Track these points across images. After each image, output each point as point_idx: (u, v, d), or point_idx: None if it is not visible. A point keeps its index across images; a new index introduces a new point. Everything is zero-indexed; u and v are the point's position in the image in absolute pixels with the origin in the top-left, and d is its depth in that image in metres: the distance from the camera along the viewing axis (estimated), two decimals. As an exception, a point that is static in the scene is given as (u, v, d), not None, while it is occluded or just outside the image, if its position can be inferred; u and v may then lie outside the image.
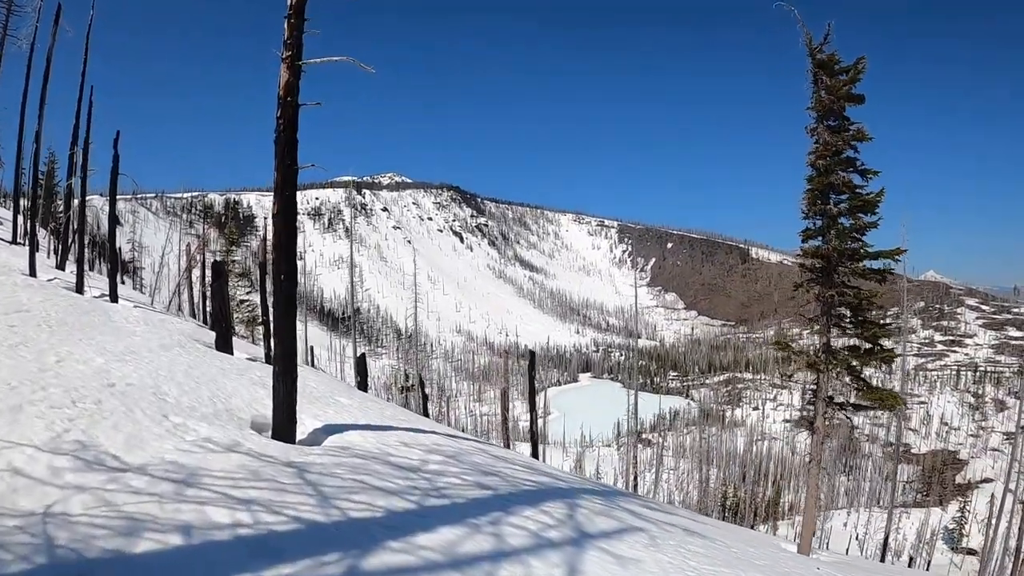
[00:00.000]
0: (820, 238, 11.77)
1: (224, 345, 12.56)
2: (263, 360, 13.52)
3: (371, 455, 6.17)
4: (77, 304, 12.11)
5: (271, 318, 6.67)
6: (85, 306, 12.10)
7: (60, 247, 22.35)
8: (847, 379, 11.70)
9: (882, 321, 11.92)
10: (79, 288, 15.67)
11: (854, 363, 11.15)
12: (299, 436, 6.81)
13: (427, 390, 35.21)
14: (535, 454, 16.56)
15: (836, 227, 11.36)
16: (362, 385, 17.12)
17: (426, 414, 17.56)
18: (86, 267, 29.72)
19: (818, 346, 11.73)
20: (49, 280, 16.77)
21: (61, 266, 20.96)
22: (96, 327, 9.67)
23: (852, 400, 11.90)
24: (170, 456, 4.45)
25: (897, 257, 11.48)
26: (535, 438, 16.02)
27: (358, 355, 17.73)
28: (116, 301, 15.28)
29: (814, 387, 11.90)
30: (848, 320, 11.64)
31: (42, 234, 31.69)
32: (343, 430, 7.21)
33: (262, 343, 15.62)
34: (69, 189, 20.40)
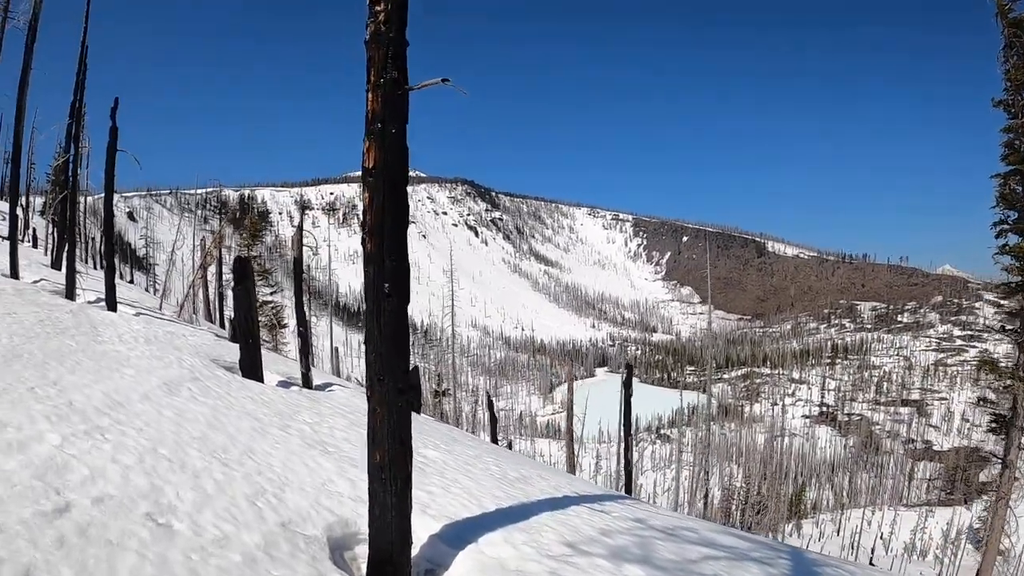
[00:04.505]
0: (1020, 235, 8.69)
1: (252, 369, 9.42)
2: (300, 384, 10.39)
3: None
4: (55, 317, 8.94)
5: (367, 360, 3.39)
6: (66, 320, 8.88)
7: (55, 241, 19.08)
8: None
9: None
10: (69, 292, 12.62)
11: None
12: (414, 553, 3.64)
13: (445, 385, 31.81)
14: (628, 489, 13.40)
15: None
16: (415, 405, 14.07)
17: (495, 440, 14.45)
18: (88, 265, 26.83)
19: (1019, 363, 8.63)
20: (35, 282, 13.74)
21: (56, 264, 17.80)
22: (70, 356, 6.45)
23: None
24: None
25: None
26: (630, 479, 12.69)
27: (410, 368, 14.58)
28: (114, 309, 12.16)
29: (1005, 414, 8.83)
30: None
31: (45, 229, 28.67)
32: (471, 534, 4.06)
33: (294, 354, 12.48)
34: (64, 169, 17.26)
